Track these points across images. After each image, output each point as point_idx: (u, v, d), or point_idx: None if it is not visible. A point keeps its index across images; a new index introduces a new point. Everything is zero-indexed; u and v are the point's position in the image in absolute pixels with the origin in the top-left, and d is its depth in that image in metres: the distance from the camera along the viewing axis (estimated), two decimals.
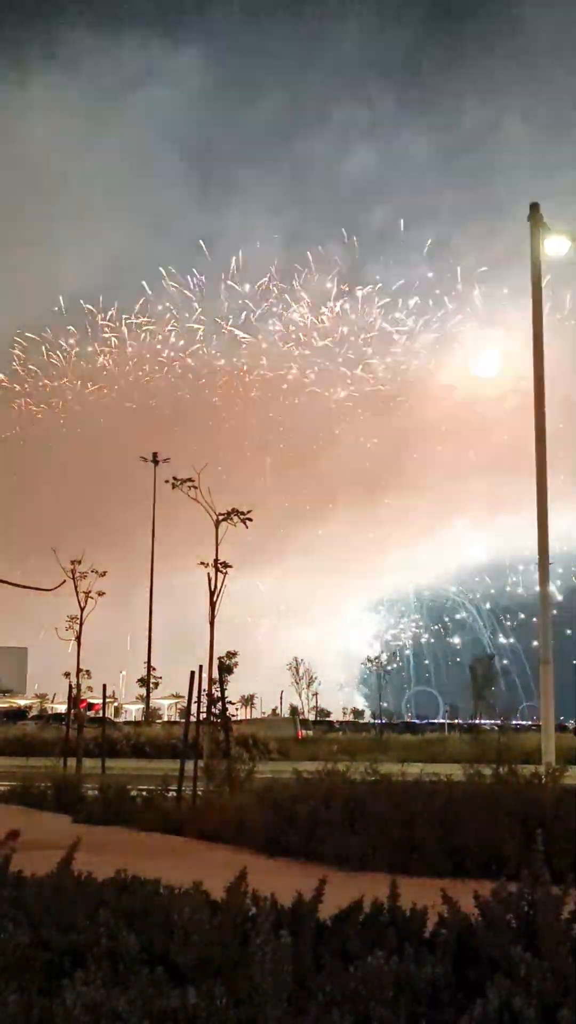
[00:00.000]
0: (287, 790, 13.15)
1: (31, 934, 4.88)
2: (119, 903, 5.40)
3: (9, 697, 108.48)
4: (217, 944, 4.68)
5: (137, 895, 5.56)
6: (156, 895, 5.60)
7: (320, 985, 4.24)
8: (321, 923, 5.18)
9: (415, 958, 4.51)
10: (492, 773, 12.76)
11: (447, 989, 4.41)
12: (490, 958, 4.63)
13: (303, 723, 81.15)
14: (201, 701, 18.25)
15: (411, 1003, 4.23)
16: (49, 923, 5.07)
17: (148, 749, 44.02)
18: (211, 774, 17.24)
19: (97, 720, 39.95)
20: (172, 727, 59.09)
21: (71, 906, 5.32)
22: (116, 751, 39.97)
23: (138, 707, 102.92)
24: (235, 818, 13.23)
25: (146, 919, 5.16)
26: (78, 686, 28.30)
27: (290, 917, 5.02)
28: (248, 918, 4.98)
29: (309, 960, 4.60)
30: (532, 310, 20.14)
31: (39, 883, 5.79)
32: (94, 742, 30.94)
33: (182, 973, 4.55)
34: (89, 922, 5.00)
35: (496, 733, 51.47)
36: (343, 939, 4.99)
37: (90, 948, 4.71)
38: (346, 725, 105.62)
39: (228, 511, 19.77)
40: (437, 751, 40.92)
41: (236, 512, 19.83)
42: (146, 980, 4.33)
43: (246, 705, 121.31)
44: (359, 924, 5.24)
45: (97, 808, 16.40)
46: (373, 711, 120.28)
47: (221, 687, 18.13)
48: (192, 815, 14.67)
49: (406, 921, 5.24)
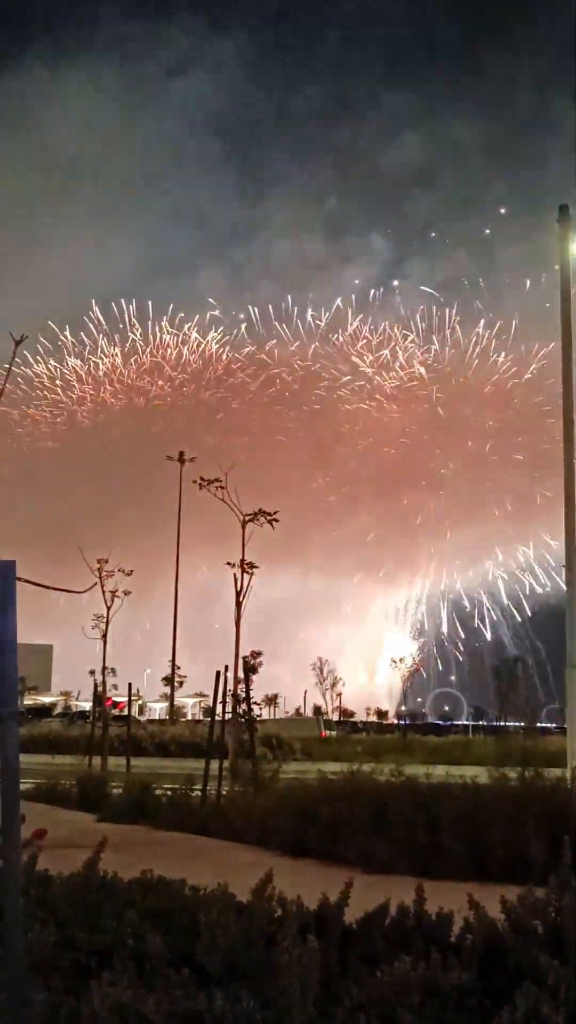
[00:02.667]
0: (311, 791, 13.13)
1: (58, 934, 4.90)
2: (145, 904, 5.42)
3: (34, 694, 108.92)
4: (243, 947, 4.67)
5: (163, 896, 5.57)
6: (182, 896, 5.61)
7: (347, 989, 4.24)
8: (347, 927, 5.18)
9: (442, 964, 4.49)
10: (517, 776, 12.70)
11: (474, 995, 4.39)
12: (517, 965, 4.61)
13: (327, 723, 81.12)
14: (226, 701, 18.27)
15: (438, 1009, 4.22)
16: (76, 923, 5.09)
17: (172, 748, 44.06)
18: (236, 774, 17.26)
19: (122, 718, 40.07)
20: (196, 726, 59.16)
21: (97, 906, 5.34)
22: (141, 749, 40.05)
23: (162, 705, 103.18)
24: (259, 819, 13.22)
25: (172, 920, 5.17)
26: (103, 684, 28.39)
27: (316, 920, 5.02)
28: (274, 920, 4.98)
29: (335, 964, 4.60)
30: (560, 314, 20.05)
31: (66, 883, 5.81)
32: (119, 740, 31.04)
33: (208, 975, 4.55)
34: (115, 923, 5.02)
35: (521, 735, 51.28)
36: (369, 943, 4.98)
37: (116, 948, 4.72)
38: (370, 726, 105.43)
39: (255, 512, 19.79)
40: (461, 753, 40.74)
41: (263, 513, 19.84)
42: (173, 982, 4.34)
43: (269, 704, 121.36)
44: (385, 928, 5.23)
45: (122, 807, 16.42)
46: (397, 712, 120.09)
47: (246, 687, 18.14)
48: (217, 815, 14.68)
49: (432, 926, 5.23)
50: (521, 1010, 4.04)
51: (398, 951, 4.61)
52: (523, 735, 51.91)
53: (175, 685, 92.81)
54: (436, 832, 10.84)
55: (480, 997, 4.40)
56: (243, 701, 18.15)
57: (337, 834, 11.50)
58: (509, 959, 4.69)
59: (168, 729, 52.89)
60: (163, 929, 4.92)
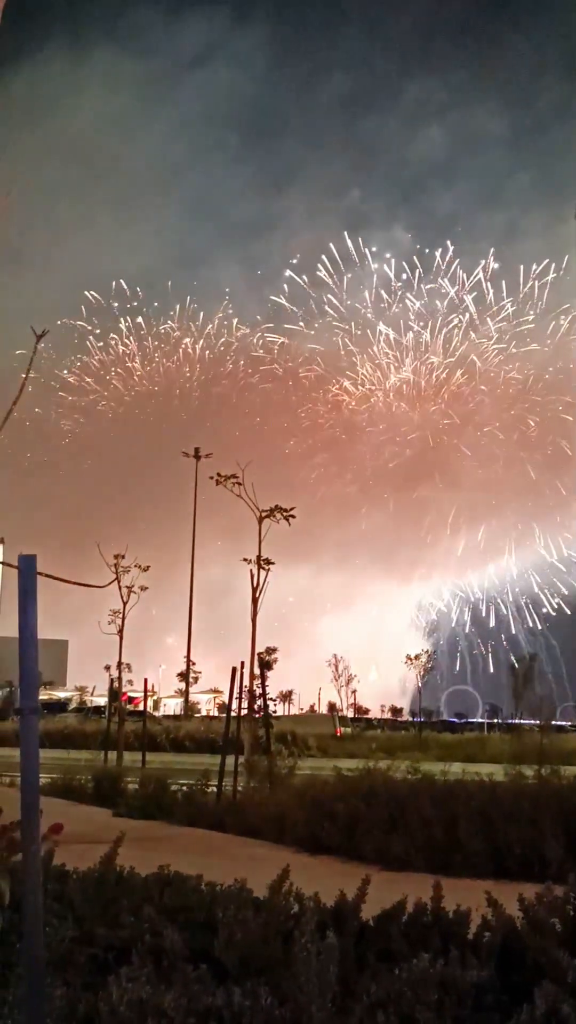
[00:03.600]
0: (327, 788, 13.13)
1: (76, 929, 4.90)
2: (162, 900, 5.42)
3: (49, 689, 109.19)
4: (261, 943, 4.67)
5: (180, 892, 5.57)
6: (199, 892, 5.61)
7: (364, 986, 4.23)
8: (364, 923, 5.17)
9: (460, 961, 4.48)
10: (534, 774, 12.68)
11: (492, 993, 4.38)
12: (535, 963, 4.59)
13: (341, 720, 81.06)
14: (242, 697, 18.28)
15: (456, 1007, 4.21)
16: (93, 918, 5.09)
17: (188, 744, 44.12)
18: (252, 770, 17.27)
19: (137, 714, 40.14)
20: (211, 722, 59.22)
21: (115, 902, 5.34)
22: (156, 745, 40.13)
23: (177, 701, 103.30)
24: (275, 815, 13.23)
25: (189, 916, 5.16)
26: (119, 679, 28.43)
27: (333, 917, 5.01)
28: (291, 917, 4.98)
29: (353, 961, 4.59)
30: None
31: (83, 878, 5.81)
32: (134, 736, 31.10)
33: (226, 971, 4.55)
34: (133, 918, 5.02)
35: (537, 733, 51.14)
36: (387, 940, 4.97)
37: (134, 944, 4.72)
38: (384, 723, 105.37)
39: (271, 508, 19.78)
40: (477, 751, 40.66)
41: (279, 509, 19.83)
42: (190, 978, 4.34)
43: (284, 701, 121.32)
44: (402, 925, 5.22)
45: (137, 802, 16.48)
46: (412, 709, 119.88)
47: (262, 684, 18.14)
48: (232, 811, 14.70)
49: (450, 923, 5.21)
50: (540, 1008, 4.02)
51: (416, 948, 4.60)
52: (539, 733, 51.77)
53: (190, 681, 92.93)
54: (453, 829, 10.83)
55: (498, 995, 4.39)
56: (259, 697, 18.15)
57: (354, 831, 11.51)
58: (527, 957, 4.67)
59: (183, 725, 52.98)
60: (180, 925, 4.92)
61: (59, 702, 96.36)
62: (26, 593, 3.77)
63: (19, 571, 3.78)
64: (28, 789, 3.75)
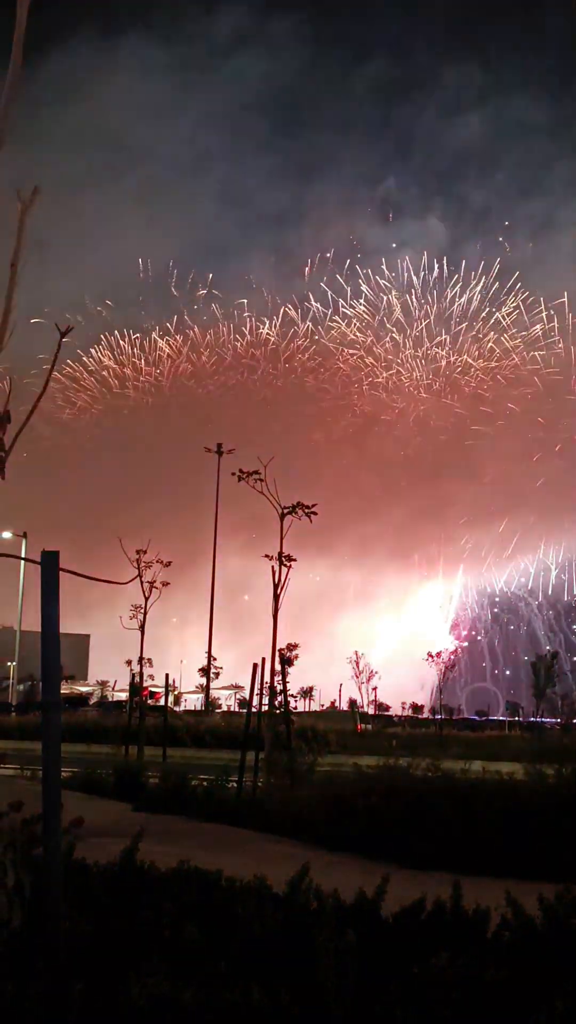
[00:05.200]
0: (348, 784, 13.12)
1: (96, 923, 4.92)
2: (182, 895, 5.43)
3: (71, 684, 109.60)
4: (281, 939, 4.68)
5: (200, 887, 5.58)
6: (218, 887, 5.62)
7: (384, 984, 4.23)
8: (384, 921, 5.17)
9: (479, 960, 4.47)
10: (555, 773, 12.64)
11: (511, 992, 4.37)
12: (555, 962, 4.58)
13: (362, 717, 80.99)
14: (263, 693, 18.28)
15: (474, 1005, 4.20)
16: (113, 912, 5.11)
17: (208, 739, 44.18)
18: (272, 766, 17.27)
19: (158, 708, 40.24)
20: (232, 717, 59.28)
21: (134, 896, 5.36)
22: (176, 740, 40.21)
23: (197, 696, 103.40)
24: (296, 811, 13.23)
25: (209, 911, 5.17)
26: (140, 674, 28.49)
27: (353, 914, 5.01)
28: (311, 913, 4.98)
29: (372, 958, 4.59)
30: None
31: (103, 872, 5.83)
32: (155, 730, 31.16)
33: (246, 967, 4.56)
34: (153, 913, 5.03)
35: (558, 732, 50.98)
36: (406, 938, 4.97)
37: (154, 939, 4.74)
38: (405, 720, 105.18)
39: (293, 504, 19.74)
40: (498, 749, 40.52)
41: (301, 506, 19.79)
42: (210, 973, 4.35)
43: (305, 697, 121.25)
44: (421, 923, 5.21)
45: (158, 796, 16.49)
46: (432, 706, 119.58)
47: (283, 680, 18.14)
48: (252, 807, 14.70)
49: (469, 922, 5.21)
50: (559, 1008, 4.01)
51: (435, 946, 4.60)
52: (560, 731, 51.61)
53: (211, 676, 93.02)
54: (474, 828, 10.80)
55: (517, 994, 4.38)
56: (280, 693, 18.15)
57: (374, 828, 11.49)
58: (547, 956, 4.66)
59: (204, 720, 53.06)
60: (200, 920, 4.93)
61: (81, 696, 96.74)
62: (48, 588, 3.78)
63: (41, 567, 3.79)
64: (49, 783, 3.77)
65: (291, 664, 18.48)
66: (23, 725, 45.00)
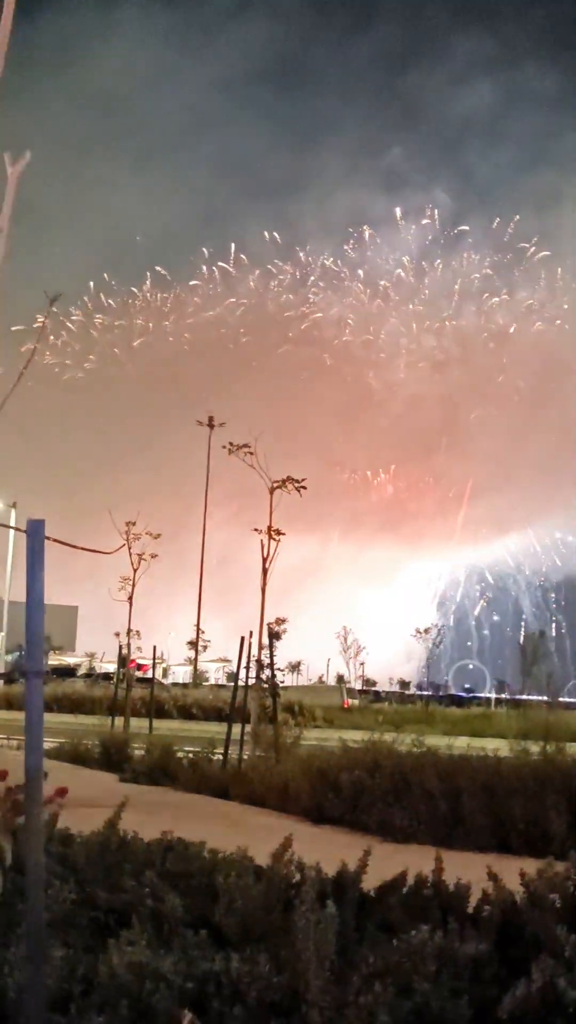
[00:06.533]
0: (332, 758, 13.17)
1: (78, 891, 4.93)
2: (164, 865, 5.44)
3: (59, 655, 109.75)
4: (261, 910, 4.69)
5: (182, 858, 5.60)
6: (201, 858, 5.63)
7: (363, 956, 4.25)
8: (365, 894, 5.19)
9: (458, 934, 4.50)
10: (539, 750, 12.70)
11: (490, 966, 4.40)
12: (534, 937, 4.61)
13: (349, 692, 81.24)
14: (250, 667, 18.32)
15: (453, 978, 4.23)
16: (95, 881, 5.12)
17: (195, 711, 44.33)
18: (258, 739, 17.34)
19: (145, 680, 40.33)
20: (219, 690, 59.41)
21: (117, 866, 5.37)
22: (163, 712, 40.34)
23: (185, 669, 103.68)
24: (280, 784, 13.29)
25: (191, 882, 5.19)
26: (128, 646, 28.54)
27: (334, 887, 5.03)
28: (292, 885, 5.00)
29: (352, 931, 4.61)
30: None
31: (86, 841, 5.84)
32: (142, 702, 31.26)
33: (226, 938, 4.58)
34: (135, 882, 5.04)
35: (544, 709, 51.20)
36: (386, 911, 4.99)
37: (135, 908, 4.75)
38: (392, 695, 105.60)
39: (283, 479, 19.73)
40: (483, 725, 40.75)
41: (291, 480, 19.78)
42: (190, 943, 4.37)
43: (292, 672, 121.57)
44: (403, 897, 5.24)
45: (143, 768, 16.55)
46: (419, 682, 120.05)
47: (271, 654, 18.17)
48: (237, 779, 14.76)
49: (450, 896, 5.23)
50: (537, 982, 4.04)
51: (415, 920, 4.62)
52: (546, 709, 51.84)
53: (199, 649, 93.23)
54: (457, 803, 10.86)
55: (496, 968, 4.40)
56: (267, 667, 18.19)
57: (357, 802, 11.55)
58: (526, 931, 4.69)
59: (191, 693, 53.18)
60: (182, 890, 4.95)
61: (68, 667, 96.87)
62: (34, 557, 3.77)
63: (27, 535, 3.77)
64: (32, 751, 3.76)
65: (279, 638, 18.50)
66: (10, 695, 45.08)
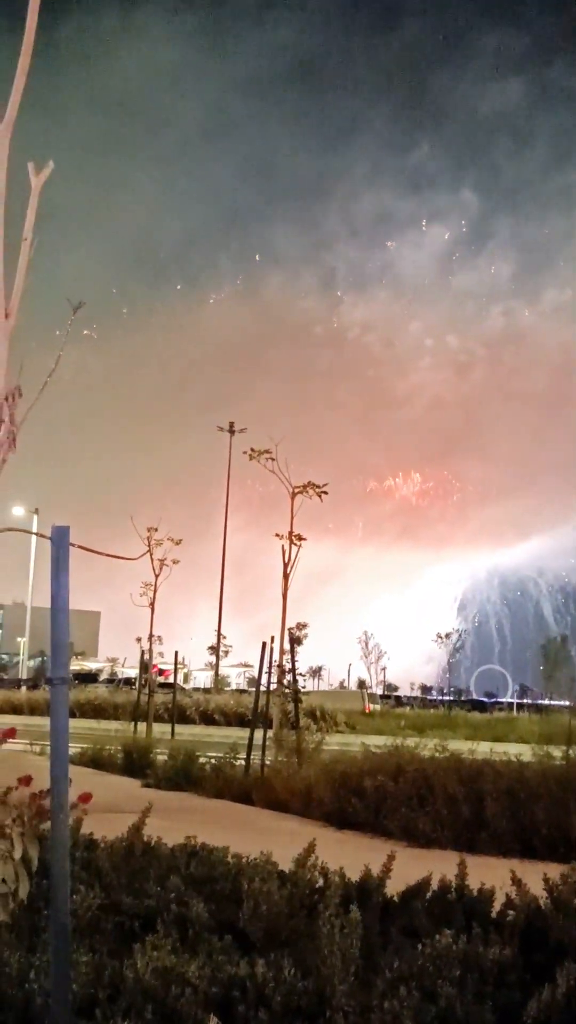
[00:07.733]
0: (355, 763, 13.16)
1: (103, 897, 4.95)
2: (189, 870, 5.46)
3: (81, 660, 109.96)
4: (285, 915, 4.71)
5: (206, 863, 5.62)
6: (225, 863, 5.65)
7: (388, 961, 4.25)
8: (389, 899, 5.19)
9: (482, 939, 4.50)
10: (562, 755, 12.65)
11: (514, 971, 4.39)
12: (558, 942, 4.60)
13: (371, 697, 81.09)
14: (271, 672, 18.31)
15: (478, 983, 4.23)
16: (120, 887, 5.14)
17: (217, 717, 44.26)
18: (280, 744, 17.32)
19: (167, 686, 40.34)
20: (240, 696, 59.40)
21: (142, 871, 5.40)
22: (185, 717, 40.33)
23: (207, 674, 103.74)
24: (303, 789, 13.28)
25: (215, 887, 5.21)
26: (150, 651, 28.55)
27: (358, 892, 5.04)
28: (316, 890, 5.01)
29: (376, 936, 4.61)
30: None
31: (111, 847, 5.87)
32: (164, 708, 31.26)
33: (250, 942, 4.59)
34: (159, 888, 5.07)
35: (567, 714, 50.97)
36: (411, 916, 4.99)
37: (160, 913, 4.77)
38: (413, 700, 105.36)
39: (304, 484, 19.69)
40: (505, 730, 40.53)
41: (312, 485, 19.74)
42: (215, 948, 4.38)
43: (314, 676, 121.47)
44: (427, 902, 5.24)
45: (166, 773, 16.57)
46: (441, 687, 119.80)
47: (292, 659, 18.17)
48: (260, 784, 14.76)
49: (474, 901, 5.23)
50: (562, 987, 4.04)
51: (439, 925, 4.62)
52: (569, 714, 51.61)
53: (220, 654, 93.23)
54: (480, 808, 10.82)
55: (520, 973, 4.40)
56: (288, 672, 18.18)
57: (380, 807, 11.53)
58: (550, 936, 4.68)
59: (213, 698, 53.16)
60: (206, 895, 4.97)
61: (90, 673, 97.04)
62: (58, 564, 3.79)
63: (52, 542, 3.80)
64: (57, 757, 3.79)
65: (300, 643, 18.48)
66: (33, 701, 45.16)
